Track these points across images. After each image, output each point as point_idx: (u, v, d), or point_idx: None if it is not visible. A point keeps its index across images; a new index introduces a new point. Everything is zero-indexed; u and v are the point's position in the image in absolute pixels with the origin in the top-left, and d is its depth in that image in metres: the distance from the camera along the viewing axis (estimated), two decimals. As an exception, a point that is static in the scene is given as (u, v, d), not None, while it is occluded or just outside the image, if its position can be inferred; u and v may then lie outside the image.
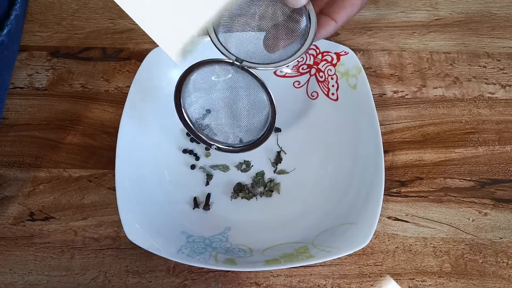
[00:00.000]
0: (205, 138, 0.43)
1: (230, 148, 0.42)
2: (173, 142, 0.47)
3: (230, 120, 0.42)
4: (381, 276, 0.42)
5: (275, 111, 0.39)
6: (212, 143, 0.43)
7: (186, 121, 0.42)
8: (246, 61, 0.37)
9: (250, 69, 0.37)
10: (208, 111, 0.43)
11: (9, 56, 0.43)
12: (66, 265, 0.42)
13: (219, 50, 0.37)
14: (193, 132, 0.42)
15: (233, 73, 0.39)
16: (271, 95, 0.38)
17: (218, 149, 0.43)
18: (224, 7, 0.38)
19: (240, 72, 0.38)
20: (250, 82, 0.39)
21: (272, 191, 0.45)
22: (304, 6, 0.37)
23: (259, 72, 0.38)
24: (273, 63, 0.38)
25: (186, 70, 0.39)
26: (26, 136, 0.48)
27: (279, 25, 0.38)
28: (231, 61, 0.37)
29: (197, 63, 0.38)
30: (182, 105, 0.41)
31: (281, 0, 0.36)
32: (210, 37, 0.37)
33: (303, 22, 0.38)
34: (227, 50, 0.37)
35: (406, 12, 0.56)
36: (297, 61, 0.49)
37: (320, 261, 0.39)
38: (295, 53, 0.38)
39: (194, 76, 0.40)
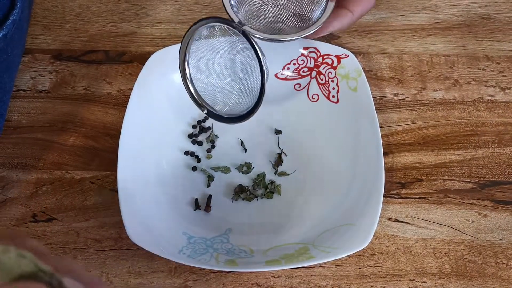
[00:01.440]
0: (198, 100, 0.44)
1: (217, 115, 0.44)
2: (175, 144, 0.48)
3: (222, 85, 0.43)
4: (381, 277, 0.42)
5: (264, 86, 0.40)
6: (205, 106, 0.44)
7: (186, 79, 0.43)
8: (248, 26, 0.38)
9: (249, 36, 0.38)
10: (206, 71, 0.44)
11: (8, 60, 0.43)
12: (68, 266, 0.42)
13: (225, 9, 0.38)
14: (190, 93, 0.44)
15: (233, 40, 0.40)
16: (263, 68, 0.39)
17: (208, 113, 0.44)
18: None
19: (240, 37, 0.39)
20: (247, 50, 0.40)
21: (273, 193, 0.45)
22: None
23: (261, 43, 0.39)
24: (276, 35, 0.39)
25: (193, 24, 0.40)
26: (29, 138, 0.49)
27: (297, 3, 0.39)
28: (234, 23, 0.38)
29: (203, 18, 0.40)
30: (186, 61, 0.43)
31: None
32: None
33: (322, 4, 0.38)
34: (234, 12, 0.39)
35: (406, 16, 0.56)
36: (298, 63, 0.50)
37: (321, 261, 0.39)
38: (301, 30, 0.39)
39: (199, 33, 0.41)
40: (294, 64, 0.50)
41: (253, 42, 0.38)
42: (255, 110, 0.41)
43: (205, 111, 0.44)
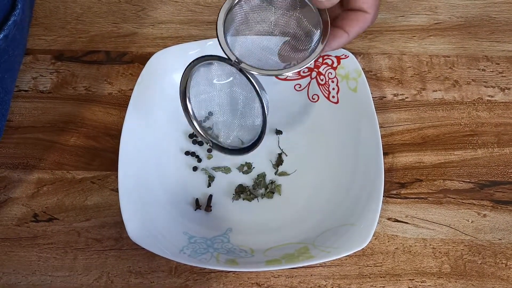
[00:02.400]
0: (202, 133, 0.44)
1: (222, 147, 0.44)
2: (176, 144, 0.48)
3: (224, 119, 0.43)
4: (381, 277, 0.42)
5: (265, 123, 0.40)
6: (210, 139, 0.44)
7: (189, 112, 0.44)
8: (245, 63, 0.38)
9: (247, 73, 0.38)
10: (207, 107, 0.44)
11: (10, 61, 0.43)
12: (69, 266, 0.43)
13: (222, 48, 0.38)
14: (193, 125, 0.44)
15: (232, 74, 0.40)
16: (264, 105, 0.39)
17: (212, 146, 0.44)
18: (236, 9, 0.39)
19: (239, 74, 0.39)
20: (247, 86, 0.39)
21: (273, 193, 0.46)
22: (320, 15, 0.37)
23: (260, 78, 0.38)
24: (274, 70, 0.39)
25: (192, 61, 0.40)
26: (30, 139, 0.49)
27: (291, 34, 0.39)
28: (231, 61, 0.38)
29: (201, 56, 0.40)
30: (187, 96, 0.43)
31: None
32: (217, 34, 0.37)
33: (316, 32, 0.38)
34: (230, 50, 0.38)
35: (406, 16, 0.57)
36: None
37: (321, 261, 0.40)
38: (303, 61, 0.38)
39: (198, 71, 0.41)
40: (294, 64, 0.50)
41: (251, 79, 0.38)
42: (258, 143, 0.41)
43: (210, 144, 0.45)
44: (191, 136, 0.49)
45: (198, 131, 0.44)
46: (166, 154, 0.47)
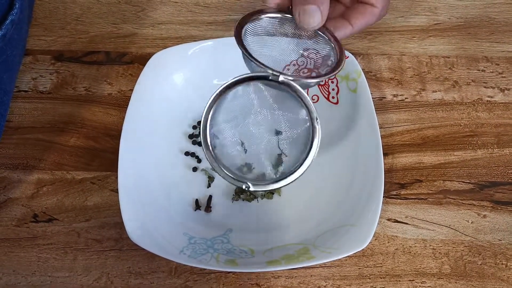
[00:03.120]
0: (234, 177, 0.37)
1: (265, 183, 0.37)
2: (175, 145, 0.48)
3: (264, 148, 0.39)
4: (381, 278, 0.42)
5: (318, 130, 0.35)
6: (244, 180, 0.37)
7: (212, 156, 0.36)
8: (284, 74, 0.34)
9: (289, 81, 0.34)
10: (236, 141, 0.38)
11: (8, 61, 0.43)
12: (69, 266, 0.43)
13: (254, 62, 0.34)
14: (219, 169, 0.37)
15: (263, 92, 0.36)
16: (312, 111, 0.35)
17: (251, 186, 0.37)
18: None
19: (274, 90, 0.35)
20: (286, 100, 0.36)
21: (273, 193, 0.46)
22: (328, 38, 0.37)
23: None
24: (315, 77, 0.36)
25: (215, 96, 0.35)
26: (30, 139, 0.49)
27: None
28: (268, 75, 0.34)
29: (231, 82, 0.35)
30: (208, 141, 0.36)
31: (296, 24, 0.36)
32: (242, 51, 0.34)
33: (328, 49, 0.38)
34: (261, 64, 0.34)
35: (405, 17, 0.57)
36: (298, 64, 0.50)
37: (321, 262, 0.39)
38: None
39: (225, 101, 0.36)
40: (294, 65, 0.50)
41: (297, 86, 0.35)
42: (310, 157, 0.36)
43: (248, 186, 0.36)
44: (190, 136, 0.49)
45: (228, 175, 0.37)
46: (166, 155, 0.47)
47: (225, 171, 0.37)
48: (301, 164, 0.37)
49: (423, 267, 0.42)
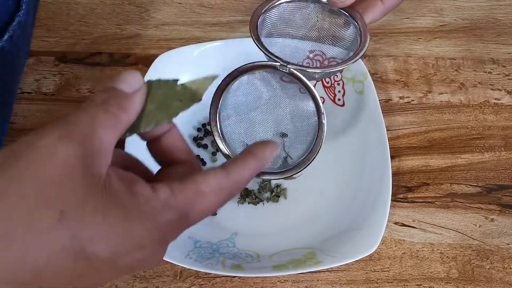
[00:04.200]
0: None
1: (273, 172, 0.37)
2: (180, 147, 0.48)
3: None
4: (388, 282, 0.42)
5: (324, 123, 0.36)
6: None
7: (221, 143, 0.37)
8: (292, 63, 0.35)
9: (296, 73, 0.35)
10: (246, 131, 0.39)
11: (14, 63, 0.43)
12: (73, 270, 0.42)
13: (263, 51, 0.34)
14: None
15: (274, 81, 0.37)
16: (319, 103, 0.36)
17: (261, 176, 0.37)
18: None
19: (282, 80, 0.36)
20: (293, 91, 0.37)
21: (279, 197, 0.45)
22: (355, 20, 0.36)
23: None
24: (320, 68, 0.37)
25: (225, 78, 0.36)
26: (33, 141, 0.48)
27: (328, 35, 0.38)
28: (277, 64, 0.34)
29: (237, 70, 0.36)
30: (218, 125, 0.37)
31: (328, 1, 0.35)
32: (253, 37, 0.35)
33: (352, 32, 0.37)
34: (270, 53, 0.35)
35: (411, 18, 0.56)
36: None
37: (328, 266, 0.39)
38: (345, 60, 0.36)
39: (234, 87, 0.37)
40: (312, 56, 0.50)
41: (303, 78, 0.35)
42: (316, 152, 0.37)
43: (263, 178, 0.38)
44: (195, 139, 0.48)
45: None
46: (170, 157, 0.47)
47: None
48: (305, 158, 0.37)
49: (430, 272, 0.42)
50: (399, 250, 0.43)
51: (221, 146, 0.36)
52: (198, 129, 0.49)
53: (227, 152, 0.37)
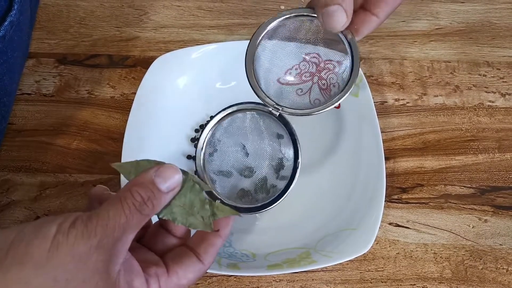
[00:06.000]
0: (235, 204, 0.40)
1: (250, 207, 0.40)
2: (178, 148, 0.48)
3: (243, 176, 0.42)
4: (382, 282, 0.42)
5: (297, 168, 0.39)
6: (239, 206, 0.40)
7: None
8: (286, 107, 0.37)
9: (286, 118, 0.37)
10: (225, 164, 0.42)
11: (9, 63, 0.43)
12: (71, 269, 0.43)
13: (258, 96, 0.36)
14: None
15: (259, 119, 0.39)
16: (298, 150, 0.38)
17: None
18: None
19: (271, 120, 0.38)
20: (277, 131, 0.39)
21: (275, 197, 0.46)
22: (346, 39, 0.36)
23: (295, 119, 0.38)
24: (310, 108, 0.38)
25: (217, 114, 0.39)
26: (33, 142, 0.49)
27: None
28: (270, 108, 0.36)
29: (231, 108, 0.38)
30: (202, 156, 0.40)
31: (321, 24, 0.35)
32: (250, 83, 0.36)
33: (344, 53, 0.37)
34: (266, 96, 0.36)
35: (407, 21, 0.57)
36: (300, 68, 0.50)
37: (322, 266, 0.40)
38: (335, 96, 0.37)
39: (225, 123, 0.39)
40: (296, 69, 0.50)
41: (290, 125, 0.38)
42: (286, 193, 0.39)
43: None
44: (193, 140, 0.49)
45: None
46: (168, 158, 0.47)
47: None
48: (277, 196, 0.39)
49: (424, 272, 0.43)
50: (393, 250, 0.43)
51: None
52: (196, 130, 0.49)
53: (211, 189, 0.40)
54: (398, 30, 0.56)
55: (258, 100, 0.38)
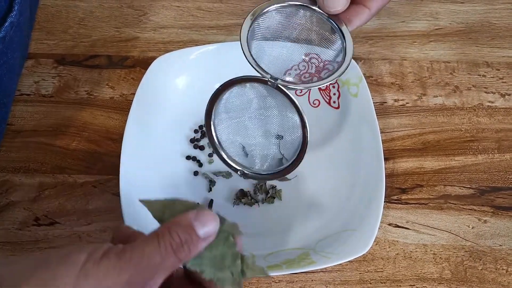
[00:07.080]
0: (231, 163, 0.42)
1: (257, 175, 0.41)
2: (177, 149, 0.48)
3: (258, 144, 0.42)
4: (381, 283, 0.42)
5: (306, 136, 0.38)
6: (238, 168, 0.42)
7: (215, 143, 0.41)
8: (281, 79, 0.37)
9: (283, 88, 0.37)
10: (237, 132, 0.42)
11: (9, 63, 0.43)
12: (70, 270, 0.43)
13: (253, 67, 0.36)
14: (220, 155, 0.42)
15: (264, 93, 0.39)
16: (303, 117, 0.37)
17: (244, 175, 0.42)
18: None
19: (273, 92, 0.38)
20: (281, 103, 0.38)
21: (274, 198, 0.46)
22: (339, 28, 0.37)
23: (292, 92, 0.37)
24: (307, 83, 0.38)
25: (219, 87, 0.39)
26: (32, 142, 0.49)
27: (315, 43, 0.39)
28: (265, 79, 0.36)
29: (230, 81, 0.38)
30: (212, 126, 0.41)
31: (319, 6, 0.36)
32: (243, 53, 0.36)
33: (338, 43, 0.38)
34: (261, 68, 0.36)
35: (406, 22, 0.57)
36: (299, 69, 0.50)
37: (321, 267, 0.40)
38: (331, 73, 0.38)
39: (226, 95, 0.39)
40: (295, 69, 0.50)
41: (290, 95, 0.37)
42: (298, 163, 0.39)
43: (240, 173, 0.42)
44: (192, 140, 0.49)
45: (226, 161, 0.42)
46: (167, 159, 0.47)
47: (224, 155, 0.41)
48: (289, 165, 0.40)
49: (423, 272, 0.42)
50: (392, 251, 0.43)
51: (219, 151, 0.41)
52: (195, 131, 0.49)
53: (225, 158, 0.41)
54: (398, 31, 0.56)
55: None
